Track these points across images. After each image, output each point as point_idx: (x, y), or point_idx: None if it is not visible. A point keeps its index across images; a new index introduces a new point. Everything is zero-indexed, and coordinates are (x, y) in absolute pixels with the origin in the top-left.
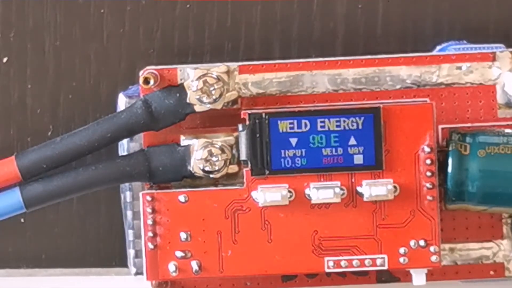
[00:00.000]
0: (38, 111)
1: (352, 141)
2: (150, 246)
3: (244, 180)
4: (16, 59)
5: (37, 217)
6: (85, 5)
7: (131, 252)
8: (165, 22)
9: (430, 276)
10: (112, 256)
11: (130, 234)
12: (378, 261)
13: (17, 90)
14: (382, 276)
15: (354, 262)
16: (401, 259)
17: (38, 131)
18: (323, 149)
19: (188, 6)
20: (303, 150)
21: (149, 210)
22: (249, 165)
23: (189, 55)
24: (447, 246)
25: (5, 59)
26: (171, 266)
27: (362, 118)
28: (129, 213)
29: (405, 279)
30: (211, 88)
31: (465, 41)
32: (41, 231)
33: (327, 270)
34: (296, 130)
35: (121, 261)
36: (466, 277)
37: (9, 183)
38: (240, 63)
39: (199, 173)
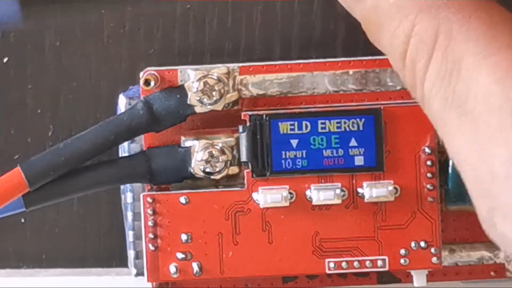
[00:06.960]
0: (38, 111)
1: (353, 142)
2: (151, 247)
3: (245, 181)
4: (16, 59)
5: (37, 217)
6: (85, 5)
7: (131, 253)
8: (166, 22)
9: (430, 277)
10: (112, 256)
11: (130, 235)
12: (379, 263)
13: (17, 90)
14: (383, 277)
15: (355, 264)
16: (402, 260)
17: (38, 131)
18: (323, 151)
19: (188, 6)
20: (304, 152)
21: (149, 211)
22: (250, 166)
23: (190, 56)
24: (447, 247)
25: (5, 59)
26: (172, 268)
27: (363, 119)
28: (129, 214)
29: (406, 280)
30: (212, 90)
31: None
32: (41, 231)
33: (327, 272)
34: (296, 131)
35: (121, 262)
36: (467, 278)
37: (18, 194)
38: (240, 64)
39: (200, 174)
